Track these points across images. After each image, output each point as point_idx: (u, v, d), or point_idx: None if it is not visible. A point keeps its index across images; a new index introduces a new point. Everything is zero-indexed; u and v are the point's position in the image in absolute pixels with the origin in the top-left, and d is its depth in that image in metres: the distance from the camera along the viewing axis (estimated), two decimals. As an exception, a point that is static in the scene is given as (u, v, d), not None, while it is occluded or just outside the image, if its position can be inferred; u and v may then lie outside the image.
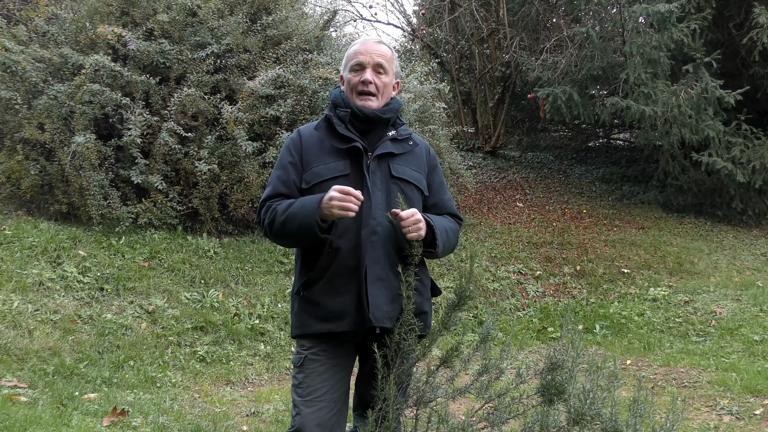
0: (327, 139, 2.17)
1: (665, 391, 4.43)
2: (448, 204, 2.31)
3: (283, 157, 2.20)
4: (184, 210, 6.19)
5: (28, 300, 4.63)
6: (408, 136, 2.24)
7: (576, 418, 1.85)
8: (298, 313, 2.15)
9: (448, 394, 2.01)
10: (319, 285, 2.08)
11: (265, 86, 6.17)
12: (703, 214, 9.53)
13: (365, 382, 2.19)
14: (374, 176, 2.11)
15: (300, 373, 2.13)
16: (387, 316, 2.04)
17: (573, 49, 9.34)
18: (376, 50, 2.20)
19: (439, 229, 2.09)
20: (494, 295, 6.75)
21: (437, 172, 2.30)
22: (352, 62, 2.20)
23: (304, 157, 2.16)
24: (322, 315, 2.08)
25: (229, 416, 3.83)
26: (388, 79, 2.21)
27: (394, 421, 1.92)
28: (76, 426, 3.27)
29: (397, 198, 2.09)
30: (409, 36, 13.62)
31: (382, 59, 2.19)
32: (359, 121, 2.15)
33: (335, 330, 2.07)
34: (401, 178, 2.15)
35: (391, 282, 2.06)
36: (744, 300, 6.46)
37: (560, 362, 1.90)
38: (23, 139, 5.90)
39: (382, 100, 2.19)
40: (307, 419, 2.07)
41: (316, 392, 2.10)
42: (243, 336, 5.06)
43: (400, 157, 2.18)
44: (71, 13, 6.48)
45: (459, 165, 8.30)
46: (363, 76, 2.16)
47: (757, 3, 8.36)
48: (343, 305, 2.05)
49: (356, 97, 2.17)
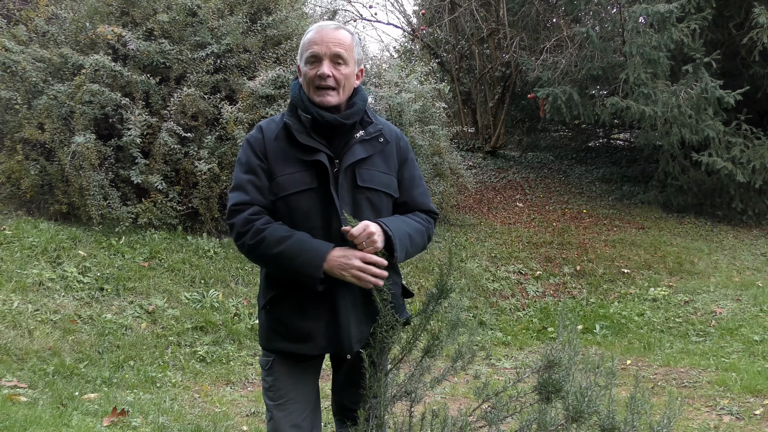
0: (289, 148, 1.98)
1: (665, 391, 4.43)
2: (419, 200, 2.13)
3: (250, 158, 2.00)
4: (184, 210, 6.19)
5: (28, 300, 4.64)
6: (378, 133, 2.05)
7: (574, 416, 1.85)
8: (265, 328, 2.06)
9: (425, 384, 1.97)
10: (285, 303, 1.98)
11: (265, 86, 6.17)
12: (703, 214, 9.53)
13: (340, 389, 2.14)
14: (341, 189, 1.96)
15: (269, 376, 2.06)
16: (357, 340, 1.98)
17: (573, 49, 9.35)
18: (332, 38, 1.97)
19: (398, 237, 1.92)
20: (494, 295, 6.75)
21: (408, 166, 2.12)
22: (307, 53, 1.98)
23: (270, 164, 1.98)
24: (289, 335, 1.99)
25: (229, 416, 3.83)
26: (348, 69, 1.99)
27: (382, 418, 1.90)
28: (76, 426, 3.27)
29: (363, 211, 1.97)
30: (409, 36, 13.64)
31: (339, 48, 1.96)
32: (322, 126, 1.97)
33: (302, 351, 1.99)
34: (368, 188, 1.99)
35: (361, 304, 1.97)
36: (744, 300, 6.46)
37: (557, 360, 1.90)
38: (23, 139, 5.91)
39: (342, 94, 1.99)
40: (281, 423, 2.03)
41: (287, 395, 2.04)
42: (243, 336, 5.06)
43: (368, 161, 2.01)
44: (71, 13, 6.49)
45: (459, 165, 8.31)
46: (319, 70, 1.95)
47: (757, 3, 8.36)
48: (312, 329, 1.96)
49: (314, 93, 1.97)
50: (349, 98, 2.04)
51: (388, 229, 1.91)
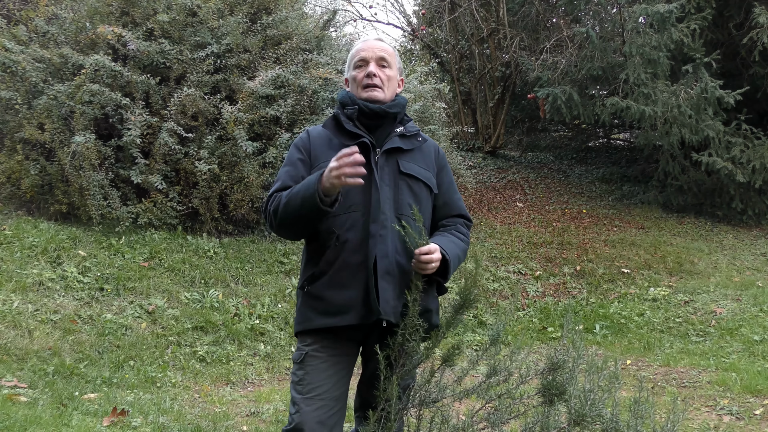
0: (335, 137, 2.17)
1: (665, 391, 4.43)
2: (458, 204, 2.30)
3: (291, 155, 2.20)
4: (184, 210, 6.18)
5: (28, 300, 4.63)
6: (416, 132, 2.23)
7: (577, 418, 1.85)
8: (301, 308, 2.13)
9: (454, 395, 2.00)
10: (324, 279, 2.06)
11: (265, 86, 6.17)
12: (703, 214, 9.53)
13: (367, 384, 2.17)
14: (382, 172, 2.10)
15: (300, 370, 2.10)
16: (394, 311, 2.02)
17: (573, 49, 9.35)
18: (377, 46, 2.24)
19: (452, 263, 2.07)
20: (494, 295, 6.75)
21: (446, 172, 2.30)
22: (356, 59, 2.22)
23: (313, 154, 2.16)
24: (326, 309, 2.05)
25: (229, 416, 3.82)
26: (392, 72, 2.22)
27: (396, 422, 1.91)
28: (76, 426, 3.27)
29: (404, 195, 2.09)
30: (409, 36, 13.63)
31: (384, 53, 2.22)
32: (366, 117, 2.15)
33: (339, 324, 2.03)
34: (409, 175, 2.14)
35: (397, 277, 2.04)
36: (744, 300, 6.46)
37: (561, 362, 1.90)
38: (23, 139, 5.90)
39: (388, 93, 2.20)
40: (307, 417, 2.04)
41: (317, 390, 2.07)
42: (243, 336, 5.05)
43: (408, 154, 2.18)
44: (71, 13, 6.48)
45: (459, 165, 8.31)
46: (367, 70, 2.17)
47: (757, 3, 8.36)
48: (349, 299, 2.03)
49: (362, 91, 2.18)
50: (392, 100, 2.23)
51: (446, 255, 2.04)
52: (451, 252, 2.07)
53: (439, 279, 2.07)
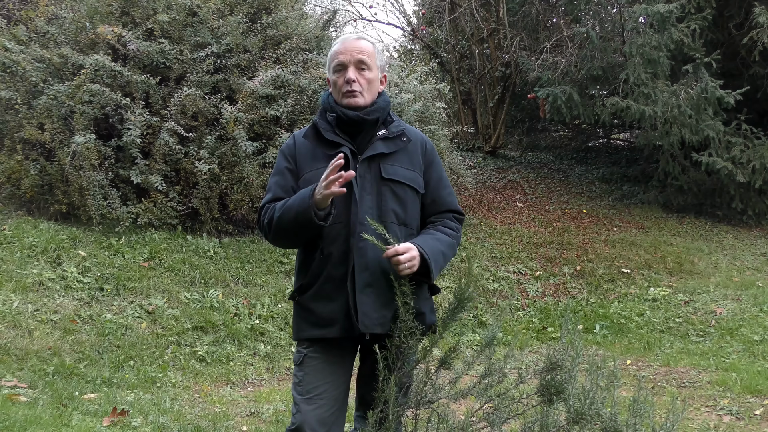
0: (316, 146, 2.16)
1: (665, 391, 4.43)
2: (447, 200, 2.25)
3: (279, 163, 2.21)
4: (184, 210, 6.18)
5: (28, 300, 4.63)
6: (400, 132, 2.19)
7: (576, 417, 1.85)
8: (295, 317, 2.19)
9: (450, 395, 2.00)
10: (311, 291, 2.10)
11: (265, 86, 6.17)
12: (703, 214, 9.53)
13: (365, 382, 2.19)
14: (363, 180, 2.09)
15: (300, 371, 2.15)
16: (377, 323, 2.03)
17: (573, 49, 9.34)
18: (356, 47, 2.16)
19: (433, 260, 2.03)
20: (494, 295, 6.74)
21: (435, 168, 2.25)
22: (334, 63, 2.17)
23: (299, 164, 2.16)
24: (314, 321, 2.10)
25: (229, 416, 3.83)
26: (372, 74, 2.16)
27: (394, 422, 1.91)
28: (76, 426, 3.27)
29: (387, 201, 2.08)
30: (409, 36, 13.63)
31: (362, 55, 2.14)
32: (345, 124, 2.14)
33: (327, 336, 2.08)
34: (392, 180, 2.12)
35: (381, 288, 2.03)
36: (744, 300, 6.46)
37: (560, 362, 1.90)
38: (23, 139, 5.90)
39: (368, 96, 2.15)
40: (308, 416, 2.08)
41: (316, 390, 2.11)
42: (243, 336, 5.05)
43: (391, 157, 2.14)
44: (71, 13, 6.48)
45: (459, 165, 8.30)
46: (346, 76, 2.12)
47: (757, 3, 8.36)
48: (333, 312, 2.05)
49: (342, 98, 2.15)
50: (372, 104, 2.19)
51: (424, 253, 2.01)
52: (430, 249, 2.04)
53: (423, 279, 2.05)
